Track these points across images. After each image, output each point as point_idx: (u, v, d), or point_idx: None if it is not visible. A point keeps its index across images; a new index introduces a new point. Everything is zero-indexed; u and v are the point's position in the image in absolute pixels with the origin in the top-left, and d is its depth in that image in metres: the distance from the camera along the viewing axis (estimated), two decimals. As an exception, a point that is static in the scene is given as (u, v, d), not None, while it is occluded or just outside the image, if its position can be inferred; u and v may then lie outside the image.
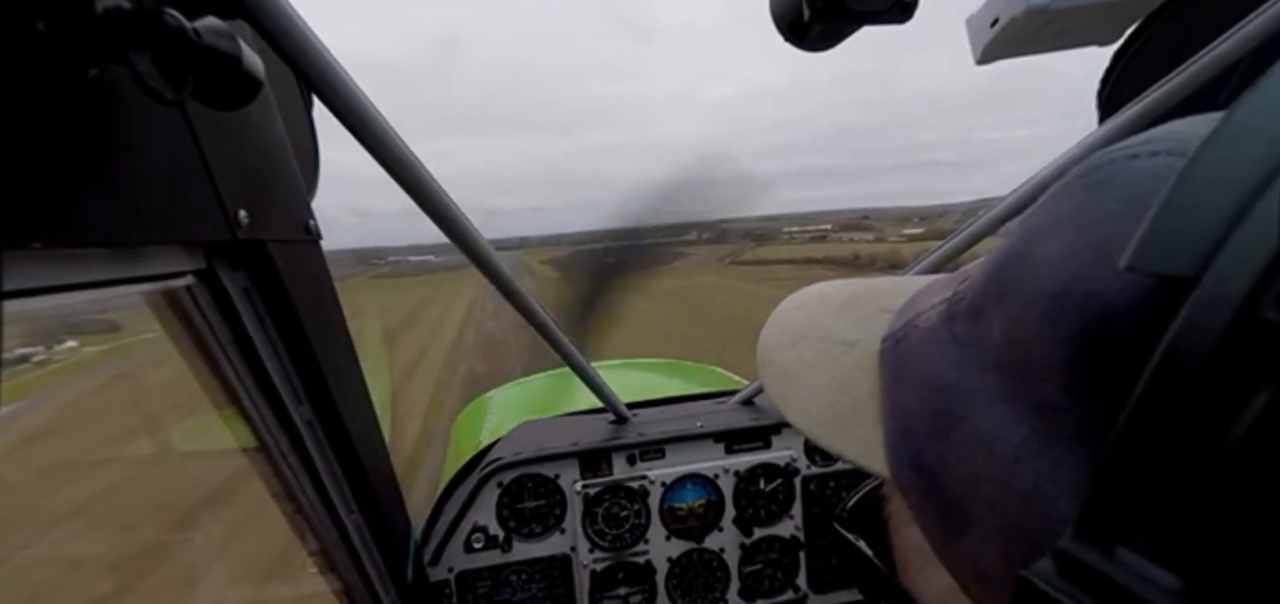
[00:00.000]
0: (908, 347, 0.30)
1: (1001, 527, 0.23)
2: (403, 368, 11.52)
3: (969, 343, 0.26)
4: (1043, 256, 0.23)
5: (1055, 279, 0.22)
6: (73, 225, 0.36)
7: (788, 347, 0.37)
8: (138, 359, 2.12)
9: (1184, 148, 0.21)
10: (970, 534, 0.25)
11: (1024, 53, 0.62)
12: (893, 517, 0.35)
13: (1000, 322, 0.24)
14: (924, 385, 0.28)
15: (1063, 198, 0.24)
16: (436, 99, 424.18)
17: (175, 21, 0.35)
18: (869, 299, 0.36)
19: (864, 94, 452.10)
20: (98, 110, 0.37)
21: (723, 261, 61.18)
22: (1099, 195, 0.22)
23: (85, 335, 2.51)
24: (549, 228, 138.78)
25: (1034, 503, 0.22)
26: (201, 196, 0.49)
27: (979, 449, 0.24)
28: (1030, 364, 0.22)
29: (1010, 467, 0.23)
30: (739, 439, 1.34)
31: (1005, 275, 0.25)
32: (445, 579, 1.23)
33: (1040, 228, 0.24)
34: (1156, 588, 0.16)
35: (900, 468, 0.28)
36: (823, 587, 1.38)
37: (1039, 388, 0.22)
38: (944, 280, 0.31)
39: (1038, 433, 0.22)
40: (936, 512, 0.27)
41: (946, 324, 0.28)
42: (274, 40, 0.49)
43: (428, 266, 53.38)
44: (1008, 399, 0.23)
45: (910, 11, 0.39)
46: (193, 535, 1.94)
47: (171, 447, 2.04)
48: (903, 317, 0.31)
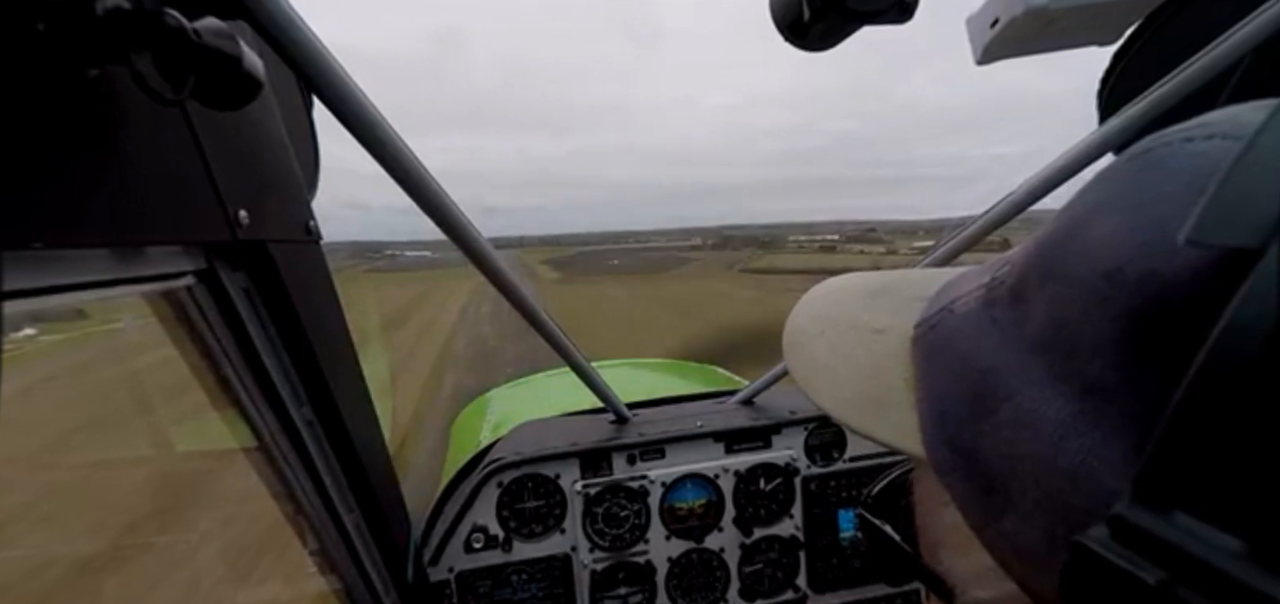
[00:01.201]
0: (943, 331, 0.30)
1: (1045, 504, 0.23)
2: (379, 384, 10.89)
3: (1011, 325, 0.26)
4: (1094, 237, 0.23)
5: (1108, 258, 0.22)
6: (73, 225, 0.36)
7: (815, 335, 0.38)
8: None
9: (1240, 132, 0.21)
10: (1011, 513, 0.25)
11: (1024, 53, 0.62)
12: (922, 501, 0.35)
13: (1046, 303, 0.25)
14: (962, 367, 0.28)
15: (1112, 181, 0.24)
16: (437, 96, 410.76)
17: (175, 22, 0.35)
18: (900, 287, 0.36)
19: (865, 106, 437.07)
20: (98, 110, 0.37)
21: (732, 268, 60.21)
22: (1153, 176, 0.22)
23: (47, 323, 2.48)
24: (548, 227, 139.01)
25: (1080, 480, 0.22)
26: (201, 197, 0.49)
27: (1022, 429, 0.24)
28: (1078, 343, 0.23)
29: (1055, 445, 0.23)
30: (739, 439, 1.34)
31: (1051, 257, 0.25)
32: (445, 579, 1.23)
33: (1089, 209, 0.24)
34: (1219, 551, 0.16)
35: (937, 449, 0.29)
36: (823, 587, 1.38)
37: (1088, 367, 0.22)
38: (977, 269, 0.32)
39: (1085, 411, 0.22)
40: (976, 491, 0.27)
41: (985, 308, 0.28)
42: (274, 40, 0.49)
43: (425, 262, 52.94)
44: (1053, 379, 0.24)
45: (910, 11, 0.39)
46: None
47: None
48: (937, 303, 0.32)
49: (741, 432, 1.33)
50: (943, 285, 0.33)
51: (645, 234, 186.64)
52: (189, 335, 0.59)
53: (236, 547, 1.72)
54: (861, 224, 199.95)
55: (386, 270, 49.74)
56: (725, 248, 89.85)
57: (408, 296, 27.31)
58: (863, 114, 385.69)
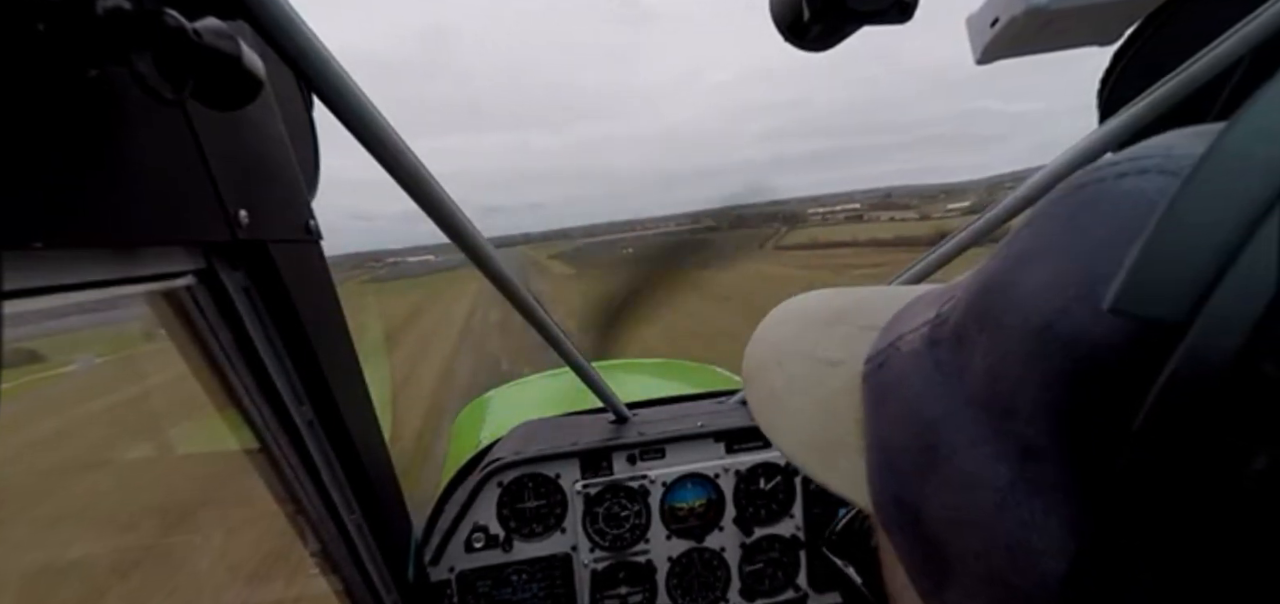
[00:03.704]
0: (890, 371, 0.28)
1: (987, 580, 0.22)
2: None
3: (952, 373, 0.24)
4: (1026, 287, 0.21)
5: (1039, 313, 0.20)
6: (73, 225, 0.36)
7: (773, 365, 0.35)
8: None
9: (1175, 166, 0.20)
10: (954, 584, 0.23)
11: (1024, 52, 0.62)
12: (881, 549, 0.32)
13: (982, 354, 0.23)
14: (906, 416, 0.26)
15: (1048, 218, 0.23)
16: (430, 96, 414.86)
17: (175, 22, 0.35)
18: (855, 314, 0.33)
19: (865, 73, 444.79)
20: (98, 110, 0.37)
21: (764, 248, 55.77)
22: (1086, 218, 0.21)
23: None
24: (550, 223, 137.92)
25: (1019, 556, 0.20)
26: (201, 196, 0.49)
27: (963, 492, 0.22)
28: (1014, 403, 0.21)
29: (995, 514, 0.21)
30: (739, 438, 1.34)
31: (987, 304, 0.23)
32: (446, 579, 1.23)
33: (1025, 252, 0.23)
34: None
35: (884, 504, 0.26)
36: (823, 586, 1.38)
37: (1024, 430, 0.21)
38: (930, 296, 0.29)
39: (1023, 478, 0.21)
40: (921, 557, 0.25)
41: (929, 349, 0.26)
42: (274, 40, 0.49)
43: (428, 267, 52.03)
44: (991, 439, 0.22)
45: (910, 11, 0.39)
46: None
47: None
48: (886, 337, 0.29)
49: (742, 431, 1.34)
50: (895, 315, 0.31)
51: (650, 221, 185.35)
52: (189, 335, 0.59)
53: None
54: (878, 191, 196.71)
55: (386, 279, 48.25)
56: (742, 227, 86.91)
57: (405, 308, 24.00)
58: (864, 79, 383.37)
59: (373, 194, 48.62)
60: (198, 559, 2.05)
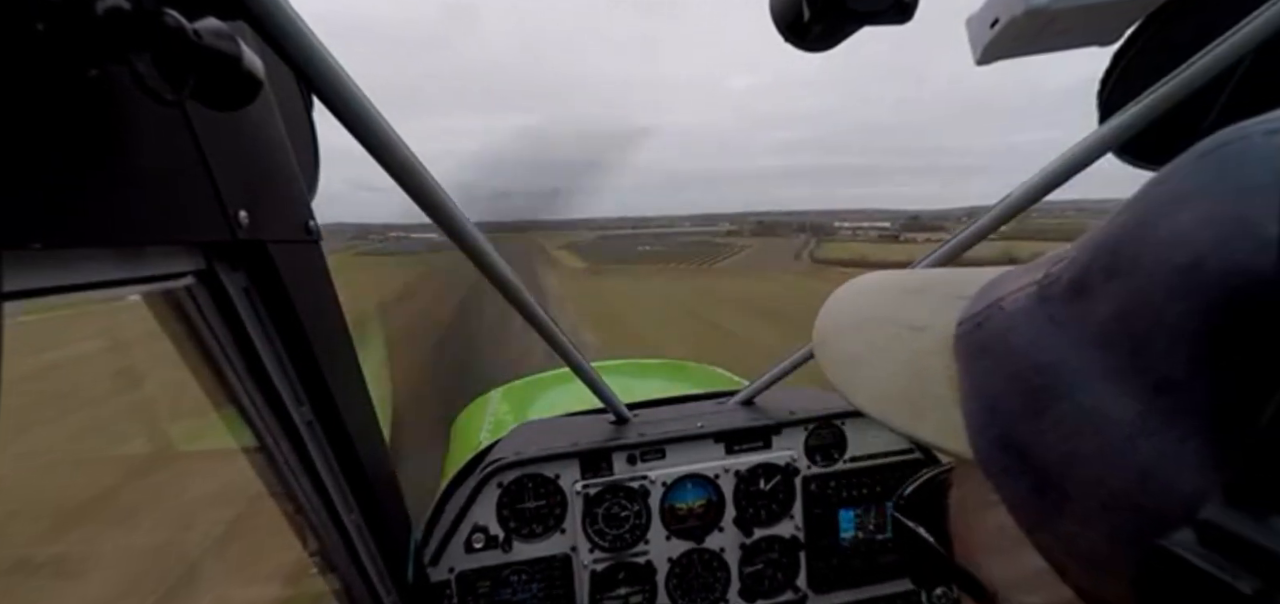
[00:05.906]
0: (991, 328, 0.30)
1: (1110, 505, 0.23)
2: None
3: (1069, 321, 0.26)
4: (1169, 230, 0.22)
5: (1186, 252, 0.21)
6: (73, 225, 0.36)
7: (851, 331, 0.37)
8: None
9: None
10: (1070, 514, 0.24)
11: (1024, 53, 0.62)
12: (961, 503, 0.34)
13: (1110, 299, 0.24)
14: (1014, 365, 0.27)
15: (1186, 175, 0.23)
16: (451, 72, 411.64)
17: (175, 22, 0.35)
18: (939, 285, 0.36)
19: (893, 93, 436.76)
20: (98, 110, 0.37)
21: (798, 258, 54.39)
22: (1234, 169, 0.22)
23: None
24: (561, 212, 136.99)
25: (1151, 481, 0.21)
26: (201, 197, 0.49)
27: (1082, 427, 0.24)
28: (1149, 339, 0.22)
29: (1121, 444, 0.22)
30: (739, 439, 1.34)
31: (1119, 252, 0.24)
32: (445, 579, 1.23)
33: (1161, 202, 0.24)
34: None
35: (986, 448, 0.28)
36: (823, 587, 1.38)
37: (1159, 363, 0.22)
38: (1021, 268, 0.32)
39: (1156, 409, 0.22)
40: (1029, 492, 0.26)
41: (1040, 304, 0.28)
42: (274, 40, 0.49)
43: (431, 244, 51.08)
44: (1118, 376, 0.23)
45: (910, 12, 0.39)
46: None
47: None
48: (982, 300, 0.31)
49: (742, 432, 1.34)
50: (985, 284, 0.33)
51: (666, 220, 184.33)
52: (188, 336, 0.59)
53: None
54: (906, 213, 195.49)
55: (390, 252, 46.42)
56: (768, 235, 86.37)
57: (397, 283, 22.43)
58: (894, 100, 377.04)
59: (374, 168, 47.04)
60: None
